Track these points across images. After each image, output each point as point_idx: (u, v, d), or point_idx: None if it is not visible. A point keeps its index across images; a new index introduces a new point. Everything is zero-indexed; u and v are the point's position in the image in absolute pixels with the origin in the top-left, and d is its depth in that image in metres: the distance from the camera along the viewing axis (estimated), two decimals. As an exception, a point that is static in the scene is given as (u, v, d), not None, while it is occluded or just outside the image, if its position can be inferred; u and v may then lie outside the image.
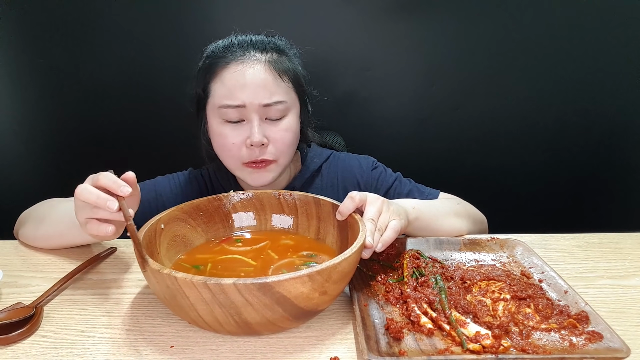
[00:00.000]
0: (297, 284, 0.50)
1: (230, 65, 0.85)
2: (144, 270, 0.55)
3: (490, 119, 1.52)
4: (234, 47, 0.87)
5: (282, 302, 0.51)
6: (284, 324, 0.55)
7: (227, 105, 0.84)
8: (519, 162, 1.57)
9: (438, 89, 1.49)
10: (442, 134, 1.54)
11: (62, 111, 1.51)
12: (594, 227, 0.92)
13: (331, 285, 0.54)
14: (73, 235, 0.80)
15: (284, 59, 0.89)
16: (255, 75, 0.84)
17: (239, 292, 0.49)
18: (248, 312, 0.51)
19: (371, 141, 1.49)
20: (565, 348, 0.52)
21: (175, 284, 0.50)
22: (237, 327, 0.52)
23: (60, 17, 1.40)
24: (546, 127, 1.52)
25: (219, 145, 0.89)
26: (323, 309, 0.59)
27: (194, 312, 0.52)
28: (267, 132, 0.86)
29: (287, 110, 0.88)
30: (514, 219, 1.58)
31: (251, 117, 0.85)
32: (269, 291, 0.49)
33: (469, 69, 1.46)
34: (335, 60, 1.45)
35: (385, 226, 0.69)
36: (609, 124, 1.51)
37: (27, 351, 0.55)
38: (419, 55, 1.46)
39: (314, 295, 0.53)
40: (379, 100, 1.50)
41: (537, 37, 1.42)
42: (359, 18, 1.41)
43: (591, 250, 0.82)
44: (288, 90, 0.88)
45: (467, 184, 1.55)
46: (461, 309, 0.60)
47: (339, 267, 0.54)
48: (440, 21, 1.42)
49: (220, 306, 0.50)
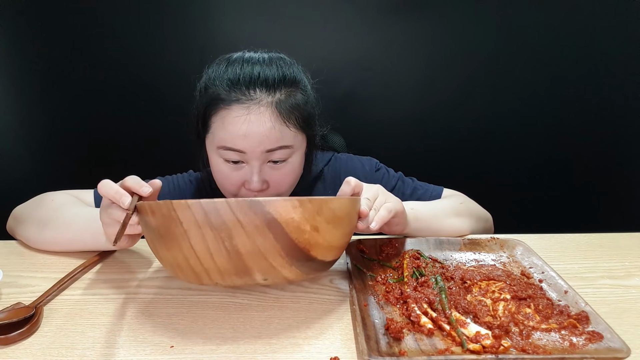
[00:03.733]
0: (287, 206, 0.52)
1: (233, 108, 0.78)
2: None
3: (491, 118, 1.52)
4: (238, 82, 0.79)
5: (272, 225, 0.51)
6: (276, 261, 0.53)
7: (226, 148, 0.80)
8: (519, 162, 1.57)
9: (438, 88, 1.49)
10: (442, 133, 1.54)
11: (62, 111, 1.50)
12: (594, 227, 0.92)
13: (323, 223, 0.55)
14: (84, 242, 0.79)
15: (293, 93, 0.82)
16: (259, 125, 0.77)
17: (231, 210, 0.50)
18: (239, 236, 0.51)
19: (371, 141, 1.49)
20: (565, 348, 0.52)
21: (170, 208, 0.52)
22: (229, 258, 0.52)
23: (59, 17, 1.40)
24: (546, 126, 1.52)
25: (218, 180, 0.87)
26: (317, 257, 0.57)
27: (186, 245, 0.52)
28: (268, 175, 0.82)
29: (291, 153, 0.83)
30: (514, 219, 1.58)
31: (252, 163, 0.81)
32: (260, 210, 0.51)
33: (469, 69, 1.46)
34: (335, 60, 1.45)
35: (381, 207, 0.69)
36: (609, 123, 1.51)
37: (27, 351, 0.55)
38: (419, 55, 1.46)
39: (305, 228, 0.53)
40: (379, 100, 1.50)
41: (538, 36, 1.42)
42: (359, 18, 1.41)
43: (591, 251, 0.82)
44: (295, 134, 0.82)
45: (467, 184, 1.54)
46: (461, 309, 0.60)
47: (330, 203, 0.55)
48: (440, 21, 1.41)
49: (212, 229, 0.51)
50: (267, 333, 0.58)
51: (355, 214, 0.63)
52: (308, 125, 0.85)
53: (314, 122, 0.88)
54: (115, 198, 0.60)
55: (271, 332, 0.59)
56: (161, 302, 0.66)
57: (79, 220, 0.80)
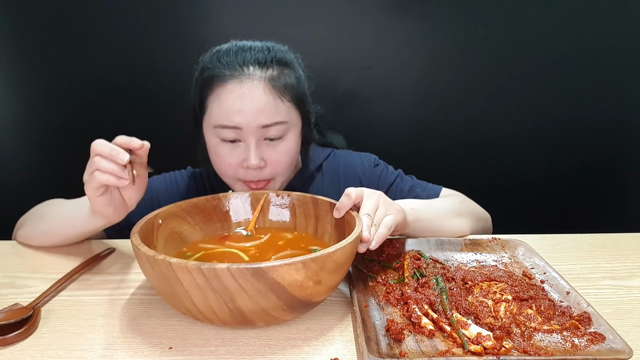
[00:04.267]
0: (291, 270, 0.50)
1: (228, 84, 0.81)
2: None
3: (491, 118, 1.51)
4: (232, 60, 0.82)
5: (275, 289, 0.50)
6: (278, 313, 0.54)
7: (222, 126, 0.82)
8: (520, 162, 1.56)
9: (438, 88, 1.48)
10: (443, 133, 1.53)
11: (60, 111, 1.50)
12: (596, 227, 0.92)
13: (326, 275, 0.54)
14: (73, 226, 0.80)
15: (287, 72, 0.85)
16: (253, 98, 0.80)
17: (233, 277, 0.49)
18: (242, 299, 0.50)
19: (372, 140, 1.49)
20: (567, 349, 0.52)
21: (170, 269, 0.50)
22: (231, 315, 0.52)
23: (59, 17, 1.40)
24: (547, 126, 1.52)
25: (216, 163, 0.88)
26: (318, 300, 0.58)
27: (188, 300, 0.52)
28: (265, 154, 0.84)
29: (287, 129, 0.85)
30: (515, 219, 1.58)
31: (248, 140, 0.82)
32: (262, 277, 0.49)
33: (470, 68, 1.46)
34: (336, 59, 1.45)
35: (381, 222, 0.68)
36: (611, 123, 1.51)
37: (24, 352, 0.55)
38: (419, 54, 1.45)
39: (308, 284, 0.52)
40: (379, 99, 1.50)
41: (538, 36, 1.41)
42: (359, 17, 1.41)
43: (593, 251, 0.82)
44: (289, 110, 0.84)
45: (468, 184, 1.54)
46: (462, 310, 0.60)
47: (334, 256, 0.54)
48: (440, 20, 1.41)
49: (214, 292, 0.50)
50: (266, 334, 0.58)
51: (356, 249, 0.62)
52: (302, 103, 0.87)
53: (307, 100, 0.90)
54: (112, 155, 0.63)
55: (270, 333, 0.58)
56: (159, 303, 0.65)
57: (67, 207, 0.84)
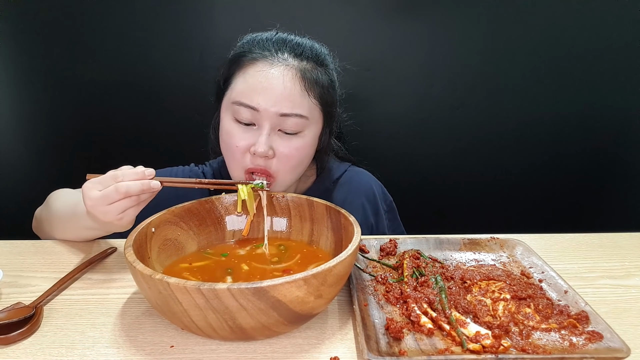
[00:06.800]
0: (292, 287, 0.49)
1: (258, 62, 0.78)
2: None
3: (490, 119, 1.52)
4: (269, 45, 0.80)
5: (277, 306, 0.50)
6: (279, 328, 0.54)
7: (240, 103, 0.78)
8: (519, 162, 1.57)
9: (438, 89, 1.49)
10: (442, 133, 1.54)
11: (62, 111, 1.50)
12: (594, 227, 0.92)
13: (327, 289, 0.54)
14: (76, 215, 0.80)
15: (320, 71, 0.81)
16: (280, 82, 0.76)
17: (233, 297, 0.48)
18: (242, 317, 0.50)
19: (371, 141, 1.49)
20: (565, 348, 0.52)
21: (168, 289, 0.49)
22: (232, 332, 0.52)
23: (59, 17, 1.40)
24: (546, 126, 1.52)
25: (225, 145, 0.84)
26: (318, 312, 0.58)
27: (187, 318, 0.51)
28: (276, 144, 0.79)
29: (305, 126, 0.80)
30: (514, 218, 1.58)
31: (263, 124, 0.78)
32: (263, 296, 0.48)
33: (469, 69, 1.46)
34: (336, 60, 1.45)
35: None
36: (609, 123, 1.51)
37: (27, 351, 0.55)
38: (419, 55, 1.46)
39: (309, 299, 0.52)
40: (379, 100, 1.50)
41: (537, 36, 1.42)
42: (359, 18, 1.41)
43: (591, 250, 0.82)
44: (312, 107, 0.80)
45: (467, 184, 1.55)
46: (461, 308, 0.60)
47: (335, 270, 0.53)
48: (440, 21, 1.41)
49: (214, 312, 0.49)
50: (267, 333, 0.58)
51: (355, 259, 0.62)
52: (327, 105, 0.83)
53: (334, 105, 0.86)
54: (144, 189, 0.66)
55: (271, 332, 0.59)
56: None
57: (70, 197, 0.85)
